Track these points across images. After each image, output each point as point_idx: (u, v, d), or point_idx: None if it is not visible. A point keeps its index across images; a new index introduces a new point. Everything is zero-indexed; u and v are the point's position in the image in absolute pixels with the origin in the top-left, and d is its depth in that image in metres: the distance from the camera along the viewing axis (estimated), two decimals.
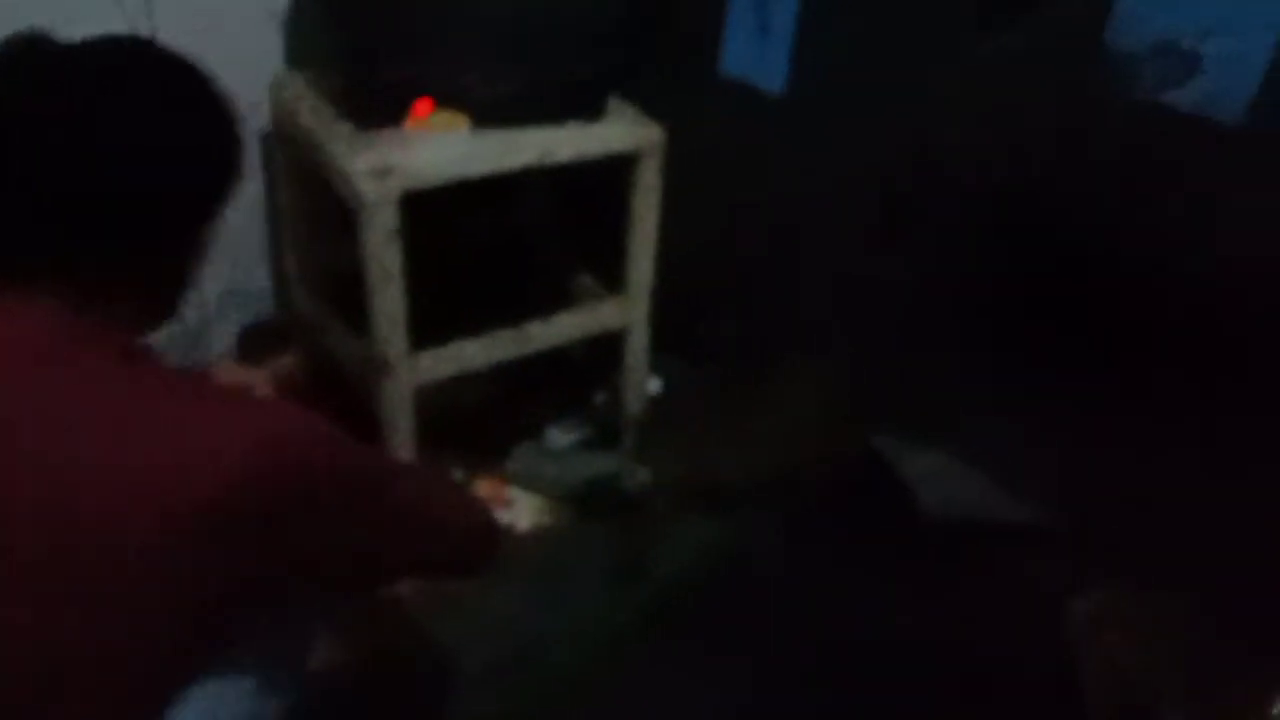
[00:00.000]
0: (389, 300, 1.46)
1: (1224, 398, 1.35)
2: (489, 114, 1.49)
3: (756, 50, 1.63)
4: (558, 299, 1.82)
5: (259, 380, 1.87)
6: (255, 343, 1.92)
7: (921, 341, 1.63)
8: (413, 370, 1.55)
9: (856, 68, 1.55)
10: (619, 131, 1.55)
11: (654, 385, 1.89)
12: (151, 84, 0.87)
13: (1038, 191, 1.44)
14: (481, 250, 1.95)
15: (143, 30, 1.56)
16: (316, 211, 1.73)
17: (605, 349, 1.82)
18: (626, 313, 1.72)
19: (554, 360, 1.82)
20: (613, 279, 1.78)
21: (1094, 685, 1.40)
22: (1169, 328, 1.37)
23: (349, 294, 1.66)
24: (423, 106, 1.46)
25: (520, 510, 1.68)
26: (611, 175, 1.62)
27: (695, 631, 1.53)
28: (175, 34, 1.58)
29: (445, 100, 1.47)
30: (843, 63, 1.57)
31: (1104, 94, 1.33)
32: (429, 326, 1.59)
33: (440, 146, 1.43)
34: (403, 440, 1.61)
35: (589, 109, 1.56)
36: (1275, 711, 1.34)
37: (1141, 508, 1.44)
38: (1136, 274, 1.37)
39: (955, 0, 1.45)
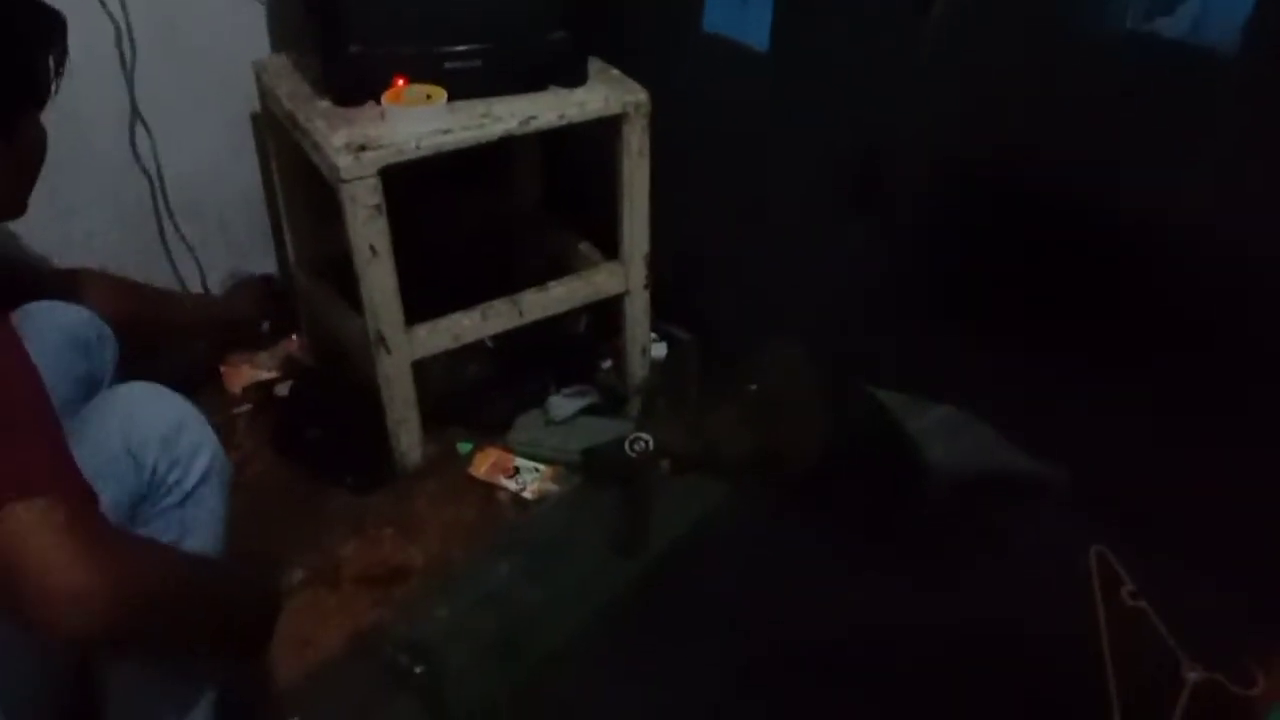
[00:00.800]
0: (379, 276, 1.46)
1: (1224, 346, 1.30)
2: (465, 85, 1.47)
3: (739, 7, 1.59)
4: (555, 268, 1.81)
5: (264, 362, 1.91)
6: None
7: (907, 307, 1.59)
8: (408, 345, 1.55)
9: (838, 20, 1.51)
10: (601, 95, 1.53)
11: (659, 350, 1.87)
12: None
13: (1023, 139, 1.39)
14: (476, 222, 1.95)
15: (119, 15, 1.57)
16: (311, 191, 1.74)
17: (609, 318, 1.81)
18: (623, 279, 1.70)
19: (559, 330, 1.82)
20: (611, 247, 1.77)
21: (1113, 636, 1.37)
22: (1166, 277, 1.32)
23: (348, 274, 1.67)
24: (399, 81, 1.45)
25: (525, 479, 1.68)
26: (603, 142, 1.60)
27: (692, 604, 1.51)
28: (156, 18, 1.62)
29: (421, 74, 1.46)
30: (824, 16, 1.52)
31: (1087, 27, 1.28)
32: (425, 302, 1.60)
33: (418, 120, 1.42)
34: (404, 414, 1.62)
35: (569, 74, 1.54)
36: None
37: (1147, 462, 1.40)
38: (1128, 221, 1.32)
39: None
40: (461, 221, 1.93)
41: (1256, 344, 1.28)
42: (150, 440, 1.08)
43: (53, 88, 1.05)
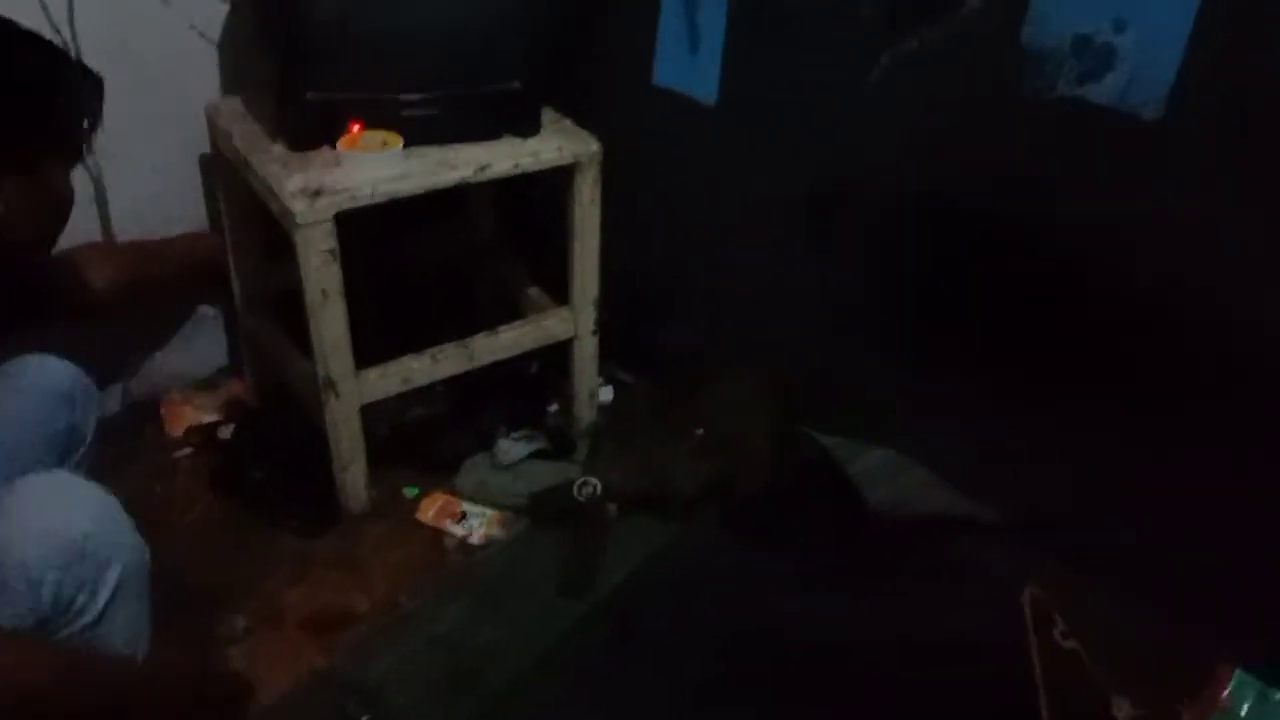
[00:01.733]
0: (330, 319, 1.46)
1: (1152, 386, 1.37)
2: (422, 132, 1.49)
3: (688, 62, 1.64)
4: (504, 312, 1.83)
5: (204, 405, 1.89)
6: None
7: (855, 343, 1.64)
8: (357, 389, 1.56)
9: (782, 76, 1.57)
10: (555, 145, 1.56)
11: (606, 394, 1.90)
12: None
13: (960, 189, 1.46)
14: (426, 267, 1.97)
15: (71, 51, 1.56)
16: (259, 233, 1.74)
17: (559, 361, 1.83)
18: (572, 324, 1.73)
19: (510, 372, 1.83)
20: (561, 291, 1.80)
21: (1046, 673, 1.41)
22: (1094, 318, 1.39)
23: (295, 315, 1.67)
24: (355, 127, 1.47)
25: (472, 524, 1.68)
26: (556, 188, 1.63)
27: (644, 637, 1.53)
28: (108, 54, 1.61)
29: (377, 120, 1.48)
30: (769, 72, 1.58)
31: (1023, 90, 1.35)
32: (375, 344, 1.60)
33: (373, 166, 1.44)
34: (350, 458, 1.62)
35: (523, 123, 1.57)
36: (1225, 694, 1.36)
37: (1079, 499, 1.47)
38: (1059, 267, 1.39)
39: (873, 11, 1.46)
40: (411, 262, 1.93)
41: (1178, 382, 1.35)
42: (52, 559, 1.00)
43: (84, 146, 1.09)
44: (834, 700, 1.43)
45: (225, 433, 1.80)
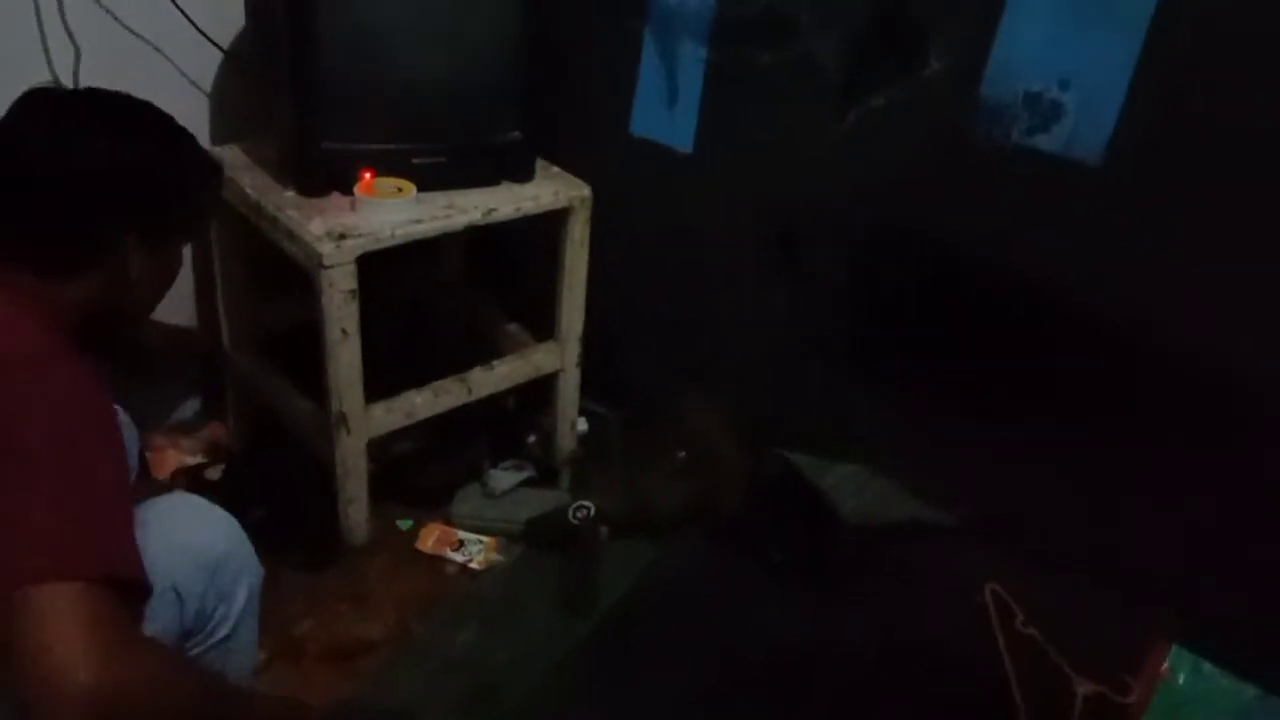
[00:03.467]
0: (347, 357, 1.53)
1: (1092, 402, 1.57)
2: (430, 179, 1.58)
3: (666, 114, 1.78)
4: (479, 346, 1.92)
5: (188, 447, 1.91)
6: None
7: (820, 369, 1.80)
8: (366, 424, 1.62)
9: (755, 129, 1.73)
10: (552, 190, 1.68)
11: (582, 425, 2.00)
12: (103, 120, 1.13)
13: (920, 231, 1.63)
14: (406, 308, 2.03)
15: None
16: (251, 277, 1.78)
17: (535, 394, 1.93)
18: (558, 357, 1.83)
19: (490, 407, 1.91)
20: (536, 327, 1.90)
21: (1013, 659, 1.58)
22: (1040, 343, 1.58)
23: (292, 354, 1.72)
24: (367, 175, 1.54)
25: (471, 550, 1.76)
26: (529, 231, 1.74)
27: (645, 649, 1.64)
28: None
29: (388, 168, 1.56)
30: (743, 125, 1.74)
31: (979, 140, 1.53)
32: (370, 381, 1.67)
33: (389, 210, 1.52)
34: (356, 491, 1.67)
35: (520, 171, 1.68)
36: (1165, 668, 1.55)
37: (1030, 503, 1.64)
38: (1011, 298, 1.57)
39: (840, 72, 1.62)
40: (386, 301, 2.00)
41: (1117, 397, 1.55)
42: (196, 575, 1.06)
43: (201, 225, 1.21)
44: (824, 699, 1.56)
45: (214, 474, 1.82)
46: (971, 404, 1.67)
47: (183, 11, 1.65)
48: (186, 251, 1.81)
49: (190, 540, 1.07)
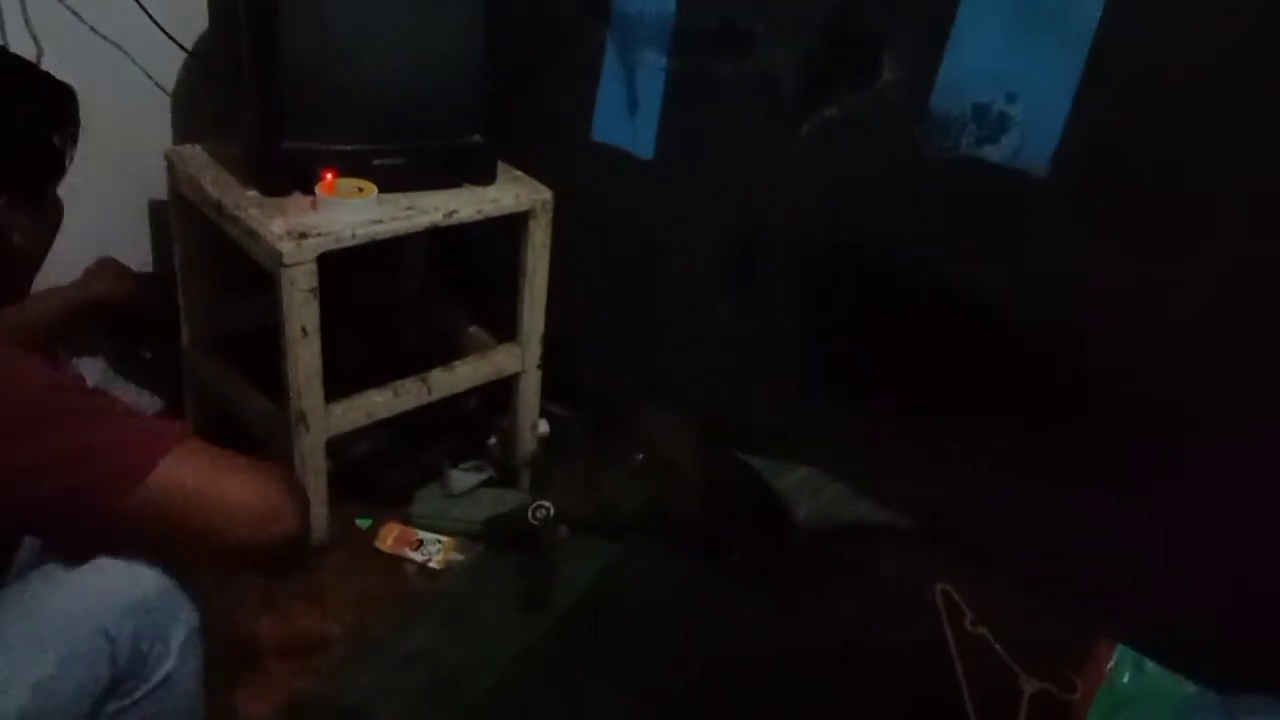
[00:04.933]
0: (306, 355, 1.54)
1: (1035, 409, 1.61)
2: (390, 180, 1.60)
3: (627, 121, 1.81)
4: (441, 347, 1.94)
5: None
6: None
7: (776, 373, 1.83)
8: (326, 422, 1.63)
9: (714, 136, 1.76)
10: (513, 193, 1.70)
11: (543, 427, 2.02)
12: None
13: (873, 237, 1.67)
14: (367, 309, 2.05)
15: None
16: (209, 277, 1.79)
17: (496, 396, 1.95)
18: (520, 359, 1.85)
19: (450, 408, 1.93)
20: (498, 329, 1.91)
21: (962, 657, 1.61)
22: (988, 350, 1.63)
23: (252, 354, 1.73)
24: (329, 175, 1.56)
25: (430, 550, 1.77)
26: (491, 234, 1.76)
27: (602, 646, 1.66)
28: None
29: (349, 169, 1.58)
30: (702, 132, 1.77)
31: (929, 151, 1.57)
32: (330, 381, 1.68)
33: (350, 210, 1.53)
34: (316, 490, 1.68)
35: (482, 173, 1.70)
36: (1108, 666, 1.59)
37: (977, 506, 1.68)
38: (958, 304, 1.61)
39: (795, 83, 1.66)
40: (348, 302, 2.01)
41: (1060, 403, 1.59)
42: (126, 616, 0.99)
43: (67, 159, 1.11)
44: (778, 698, 1.58)
45: None
46: (921, 410, 1.72)
47: (146, 11, 1.66)
48: (147, 247, 1.85)
49: (117, 584, 1.00)
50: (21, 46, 1.56)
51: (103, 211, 1.76)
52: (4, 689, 0.91)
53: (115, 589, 1.00)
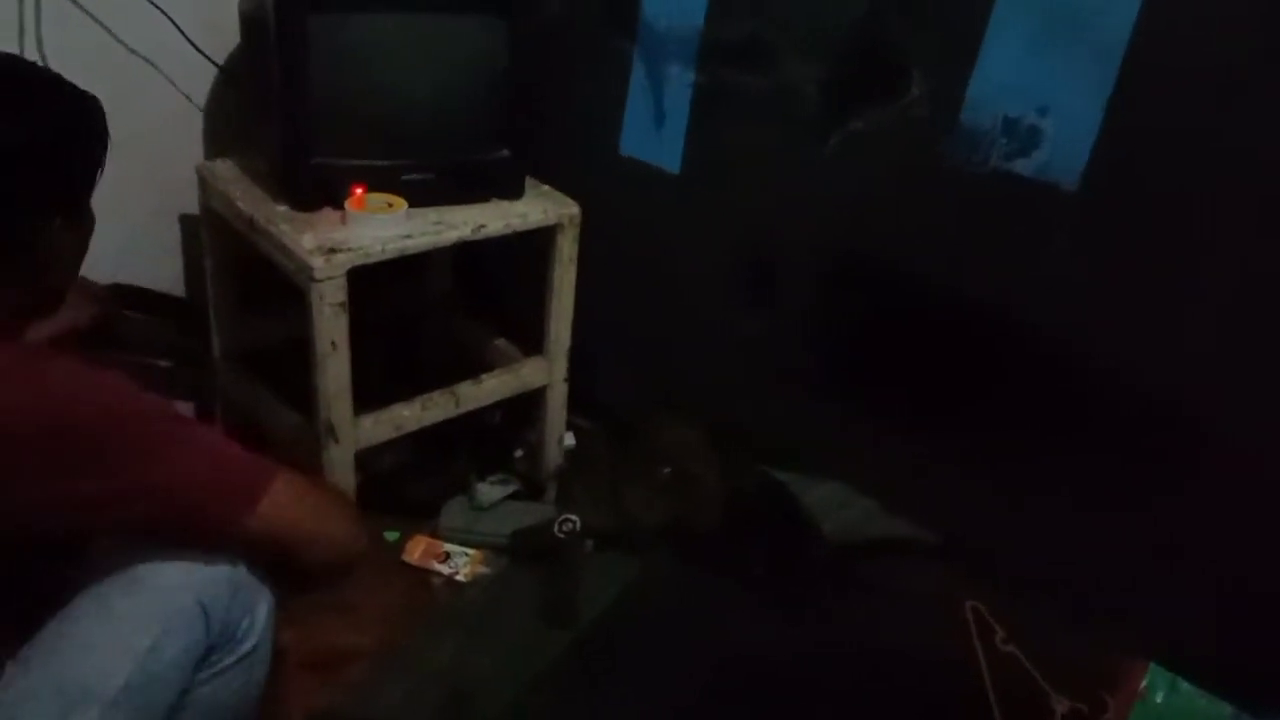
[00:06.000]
0: (336, 368, 1.55)
1: (1067, 426, 1.59)
2: (419, 195, 1.61)
3: (654, 135, 1.81)
4: (465, 360, 1.94)
5: None
6: None
7: (801, 388, 1.82)
8: (354, 435, 1.63)
9: (740, 151, 1.76)
10: (541, 207, 1.71)
11: (569, 440, 2.02)
12: None
13: (900, 252, 1.66)
14: (404, 323, 2.06)
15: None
16: (239, 291, 1.80)
17: (521, 410, 1.95)
18: (547, 372, 1.85)
19: (475, 422, 1.93)
20: (524, 342, 1.92)
21: (993, 676, 1.60)
22: (1017, 366, 1.61)
23: (280, 367, 1.74)
24: (358, 190, 1.57)
25: (457, 563, 1.77)
26: (519, 249, 1.76)
27: (625, 661, 1.65)
28: None
29: (379, 184, 1.59)
30: (729, 147, 1.77)
31: (959, 164, 1.56)
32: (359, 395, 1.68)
33: (380, 225, 1.54)
34: None
35: (509, 188, 1.71)
36: (1142, 686, 1.57)
37: (1008, 522, 1.66)
38: (984, 319, 1.60)
39: (822, 97, 1.66)
40: (373, 315, 2.02)
41: (1091, 419, 1.57)
42: (220, 588, 1.06)
43: (99, 173, 1.11)
44: (803, 714, 1.57)
45: None
46: (946, 425, 1.70)
47: (178, 27, 1.68)
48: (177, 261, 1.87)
49: (211, 558, 1.06)
50: (55, 61, 1.57)
51: (132, 225, 1.78)
52: (111, 661, 0.96)
53: (209, 562, 1.06)
